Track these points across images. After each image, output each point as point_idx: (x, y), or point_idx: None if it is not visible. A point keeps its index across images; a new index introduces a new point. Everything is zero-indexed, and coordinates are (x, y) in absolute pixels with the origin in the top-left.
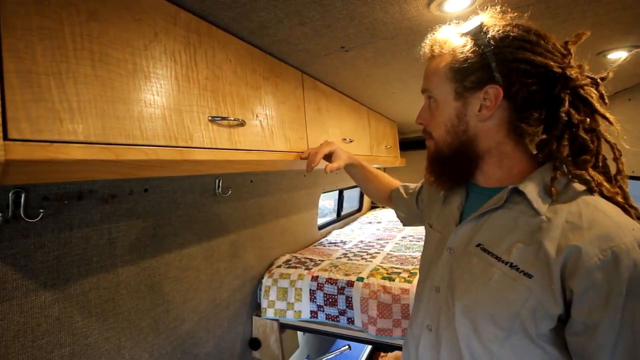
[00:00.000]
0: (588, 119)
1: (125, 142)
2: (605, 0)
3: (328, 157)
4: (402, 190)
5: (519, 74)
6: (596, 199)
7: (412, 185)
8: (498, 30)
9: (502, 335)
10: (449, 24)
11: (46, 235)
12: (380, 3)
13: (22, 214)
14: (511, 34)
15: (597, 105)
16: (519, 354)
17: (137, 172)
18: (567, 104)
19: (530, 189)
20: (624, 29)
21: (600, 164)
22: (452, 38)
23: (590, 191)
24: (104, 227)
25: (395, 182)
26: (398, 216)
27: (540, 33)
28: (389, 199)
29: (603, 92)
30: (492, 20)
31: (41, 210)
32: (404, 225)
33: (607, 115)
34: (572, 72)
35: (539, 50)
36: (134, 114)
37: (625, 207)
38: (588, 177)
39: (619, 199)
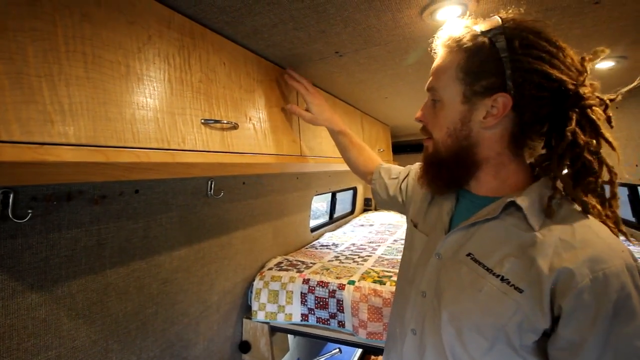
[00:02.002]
0: (594, 141)
1: (116, 144)
2: (592, 13)
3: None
4: (383, 173)
5: (532, 85)
6: (589, 219)
7: (394, 170)
8: (518, 36)
9: (486, 345)
10: (468, 17)
11: (34, 236)
12: (374, 10)
13: (9, 215)
14: (532, 42)
15: (603, 129)
16: None
17: (129, 175)
18: (574, 122)
19: (527, 204)
20: (610, 41)
21: (599, 188)
22: (468, 36)
23: (585, 212)
24: (93, 229)
25: (377, 159)
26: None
27: (560, 45)
28: (367, 175)
29: (610, 114)
30: (514, 23)
31: (29, 211)
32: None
33: (611, 140)
34: (585, 91)
35: (556, 64)
36: (126, 116)
37: (615, 232)
38: (585, 199)
39: (610, 223)
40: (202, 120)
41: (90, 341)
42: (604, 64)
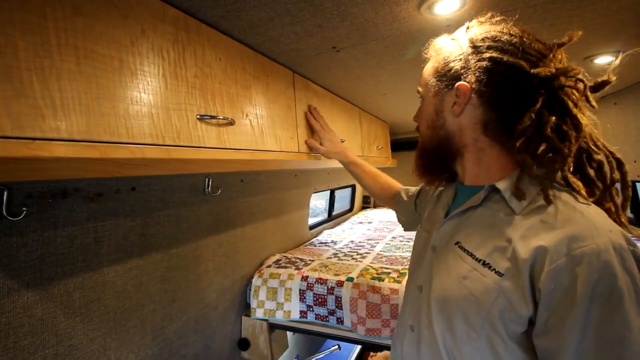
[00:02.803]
0: (553, 118)
1: (110, 139)
2: (590, 7)
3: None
4: (402, 194)
5: (487, 72)
6: (574, 201)
7: (411, 189)
8: (475, 32)
9: (474, 335)
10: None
11: (29, 234)
12: (371, 4)
13: (4, 212)
14: (484, 35)
15: (571, 107)
16: (491, 355)
17: (123, 171)
18: (539, 104)
19: (507, 188)
20: (609, 35)
21: (590, 171)
22: (440, 41)
23: (545, 198)
24: (89, 226)
25: (395, 183)
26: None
27: (514, 33)
28: (389, 200)
29: (588, 94)
30: (477, 24)
31: (24, 209)
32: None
33: (579, 116)
34: (543, 72)
35: (510, 50)
36: (119, 111)
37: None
38: (546, 182)
39: (611, 214)
40: (198, 116)
41: (87, 339)
42: (603, 59)
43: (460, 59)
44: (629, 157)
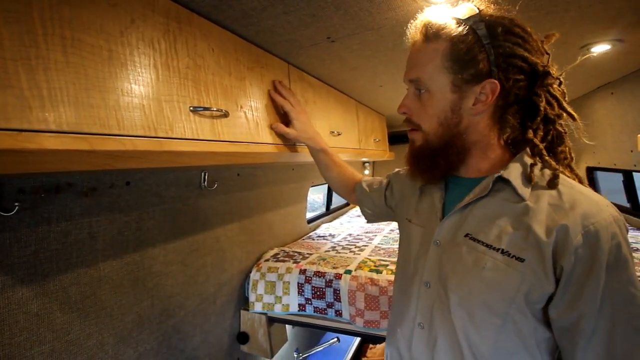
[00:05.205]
0: (564, 114)
1: (100, 131)
2: None
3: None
4: (365, 186)
5: (514, 69)
6: (570, 182)
7: (376, 180)
8: (497, 23)
9: (499, 322)
10: (441, 5)
11: (22, 230)
12: None
13: None
14: (509, 28)
15: (564, 103)
16: (516, 339)
17: (115, 163)
18: (544, 100)
19: (514, 177)
20: (606, 23)
21: (569, 155)
22: (450, 24)
23: (555, 178)
24: (84, 221)
25: (358, 176)
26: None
27: (528, 30)
28: (350, 193)
29: (564, 90)
30: (488, 10)
31: (16, 204)
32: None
33: (571, 111)
34: (553, 71)
35: (529, 48)
36: (109, 102)
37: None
38: (556, 166)
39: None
40: (191, 108)
41: (84, 334)
42: (599, 48)
43: (485, 52)
44: (625, 147)
